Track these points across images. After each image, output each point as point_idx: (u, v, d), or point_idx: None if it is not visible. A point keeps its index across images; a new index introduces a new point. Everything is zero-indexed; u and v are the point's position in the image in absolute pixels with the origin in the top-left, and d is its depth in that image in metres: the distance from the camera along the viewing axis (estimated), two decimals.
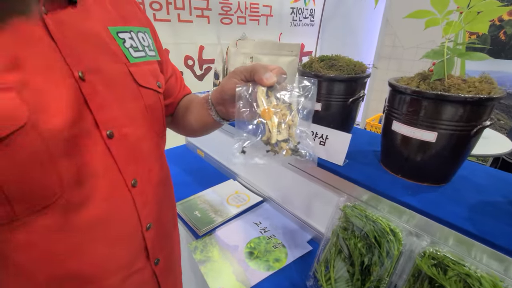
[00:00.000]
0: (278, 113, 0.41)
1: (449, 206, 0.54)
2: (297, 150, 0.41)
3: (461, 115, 0.51)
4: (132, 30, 0.44)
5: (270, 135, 0.39)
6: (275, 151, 0.40)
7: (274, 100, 0.42)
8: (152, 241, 0.48)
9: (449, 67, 0.54)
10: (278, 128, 0.40)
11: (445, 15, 0.54)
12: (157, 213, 0.49)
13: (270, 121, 0.40)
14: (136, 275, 0.47)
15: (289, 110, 0.42)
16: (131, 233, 0.44)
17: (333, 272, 0.62)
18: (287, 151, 0.40)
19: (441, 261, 0.48)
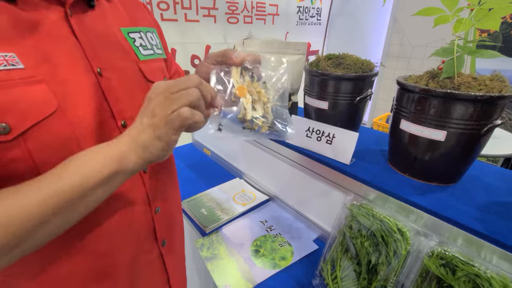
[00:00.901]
0: (253, 91, 0.42)
1: (458, 205, 0.54)
2: (273, 125, 0.43)
3: (471, 114, 0.51)
4: (141, 30, 0.49)
5: (245, 112, 0.41)
6: (252, 127, 0.41)
7: (248, 79, 0.43)
8: (159, 224, 0.51)
9: (459, 65, 0.53)
10: (254, 105, 0.41)
11: (455, 12, 0.53)
12: (164, 198, 0.53)
13: (244, 98, 0.41)
14: (144, 255, 0.50)
15: (264, 88, 0.44)
16: (142, 215, 0.48)
17: (340, 271, 0.61)
18: (263, 126, 0.42)
19: (449, 261, 0.47)
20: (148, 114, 0.34)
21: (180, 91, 0.34)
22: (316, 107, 0.79)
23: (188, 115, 0.33)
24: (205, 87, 0.36)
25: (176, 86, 0.34)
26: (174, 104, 0.33)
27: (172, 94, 0.34)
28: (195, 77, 0.35)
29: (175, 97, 0.34)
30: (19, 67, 0.32)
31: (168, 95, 0.34)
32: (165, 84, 0.34)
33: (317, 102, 0.78)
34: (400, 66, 2.49)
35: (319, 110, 0.79)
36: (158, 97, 0.34)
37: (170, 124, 0.33)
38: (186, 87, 0.34)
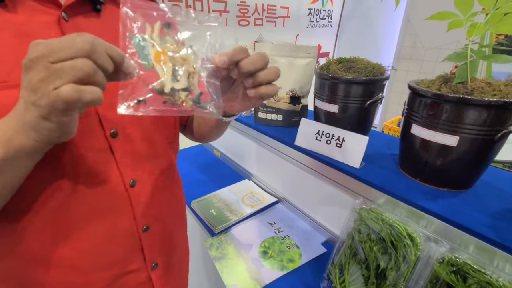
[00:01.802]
0: (176, 58, 0.34)
1: (470, 212, 0.53)
2: (199, 101, 0.35)
3: (485, 120, 0.50)
4: None
5: (163, 82, 0.33)
6: (174, 101, 0.34)
7: (171, 40, 0.35)
8: (149, 243, 0.47)
9: (472, 69, 0.53)
10: (175, 75, 0.34)
11: (469, 17, 0.52)
12: (156, 215, 0.49)
13: (163, 66, 0.34)
14: (130, 276, 0.47)
15: (192, 55, 0.36)
16: (126, 232, 0.44)
17: (348, 274, 0.61)
18: (186, 101, 0.35)
19: (460, 268, 0.47)
20: (27, 87, 0.26)
21: (62, 61, 0.25)
22: (326, 110, 0.79)
23: (70, 97, 0.24)
24: (101, 54, 0.26)
25: (57, 52, 0.25)
26: (55, 79, 0.25)
27: (52, 64, 0.25)
28: (86, 37, 0.25)
29: (55, 68, 0.24)
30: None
31: (46, 64, 0.25)
32: (44, 46, 0.25)
33: (327, 105, 0.78)
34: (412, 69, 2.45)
35: (329, 113, 0.79)
36: (35, 65, 0.25)
37: (53, 105, 0.25)
38: (72, 56, 0.25)
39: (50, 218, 0.38)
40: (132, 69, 0.30)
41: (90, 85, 0.26)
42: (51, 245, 0.39)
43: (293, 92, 0.90)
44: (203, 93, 0.36)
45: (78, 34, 0.25)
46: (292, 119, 0.94)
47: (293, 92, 0.90)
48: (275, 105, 0.92)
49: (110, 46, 0.27)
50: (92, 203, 0.40)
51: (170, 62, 0.34)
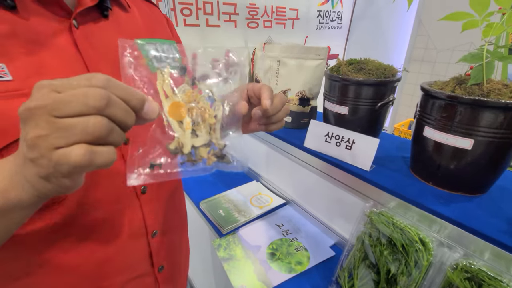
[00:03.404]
0: (194, 109, 0.29)
1: (485, 217, 0.51)
2: (223, 156, 0.30)
3: (501, 122, 0.49)
4: (157, 42, 0.46)
5: (181, 142, 0.28)
6: (193, 161, 0.28)
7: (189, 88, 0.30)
8: (157, 248, 0.48)
9: (488, 71, 0.51)
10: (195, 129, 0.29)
11: (485, 17, 0.51)
12: (164, 221, 0.49)
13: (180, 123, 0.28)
14: (138, 280, 0.47)
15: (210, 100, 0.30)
16: (137, 238, 0.45)
17: (357, 279, 0.60)
18: (209, 158, 0.29)
19: (475, 275, 0.45)
20: (24, 139, 0.22)
21: (71, 116, 0.21)
22: (336, 112, 0.78)
23: (81, 160, 0.21)
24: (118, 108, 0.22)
25: (64, 105, 0.20)
26: (60, 138, 0.21)
27: (57, 120, 0.21)
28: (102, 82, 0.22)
29: (61, 125, 0.21)
30: (7, 79, 0.30)
31: (49, 118, 0.20)
32: (49, 95, 0.21)
33: (337, 107, 0.77)
34: (424, 71, 2.40)
35: (339, 115, 0.78)
36: (35, 116, 0.21)
37: (55, 167, 0.21)
38: (81, 112, 0.21)
39: (61, 226, 0.37)
40: (153, 114, 0.25)
41: (104, 146, 0.22)
42: (62, 253, 0.38)
43: (303, 93, 0.90)
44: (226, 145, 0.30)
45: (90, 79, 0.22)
46: (301, 120, 0.93)
47: (303, 93, 0.90)
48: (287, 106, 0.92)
49: (127, 90, 0.23)
50: (106, 210, 0.40)
51: (188, 115, 0.28)
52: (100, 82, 0.22)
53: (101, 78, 0.22)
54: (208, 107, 0.30)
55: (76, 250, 0.39)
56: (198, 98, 0.30)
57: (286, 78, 0.89)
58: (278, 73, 0.90)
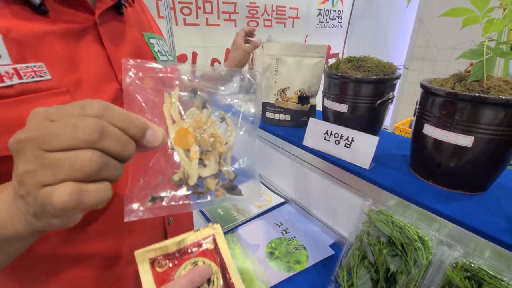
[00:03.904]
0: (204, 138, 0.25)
1: (486, 215, 0.51)
2: (233, 187, 0.27)
3: (502, 119, 0.48)
4: (156, 37, 0.50)
5: (187, 172, 0.25)
6: (199, 193, 0.26)
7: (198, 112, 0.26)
8: (172, 234, 0.51)
9: (489, 67, 0.51)
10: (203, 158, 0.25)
11: (486, 12, 0.50)
12: None
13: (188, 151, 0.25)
14: None
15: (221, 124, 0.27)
16: (155, 224, 0.48)
17: (356, 278, 0.60)
18: (218, 190, 0.26)
19: (475, 273, 0.45)
20: (15, 175, 0.20)
21: (61, 150, 0.19)
22: (335, 110, 0.78)
23: (66, 202, 0.19)
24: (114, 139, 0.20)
25: (52, 137, 0.19)
26: (47, 174, 0.19)
27: (46, 154, 0.19)
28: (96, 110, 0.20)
29: (49, 160, 0.19)
30: (46, 78, 0.32)
31: (37, 151, 0.19)
32: (41, 126, 0.19)
33: (336, 105, 0.77)
34: (425, 70, 2.39)
35: (338, 113, 0.78)
36: (23, 149, 0.19)
37: (42, 206, 0.20)
38: (70, 146, 0.19)
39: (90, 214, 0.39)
40: (156, 143, 0.22)
41: (96, 183, 0.20)
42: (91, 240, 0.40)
43: (302, 92, 0.89)
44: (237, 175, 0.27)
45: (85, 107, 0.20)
46: (301, 119, 0.93)
47: (302, 92, 0.89)
48: (283, 105, 0.92)
49: (127, 118, 0.21)
50: None
51: (196, 143, 0.25)
52: (94, 111, 0.20)
53: (96, 105, 0.20)
54: (219, 134, 0.27)
55: (103, 237, 0.41)
56: (208, 124, 0.26)
57: (285, 76, 0.89)
58: (277, 71, 0.89)
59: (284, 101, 0.91)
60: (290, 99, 0.91)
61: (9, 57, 0.29)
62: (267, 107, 0.95)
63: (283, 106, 0.92)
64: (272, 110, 0.94)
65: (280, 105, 0.92)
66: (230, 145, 0.27)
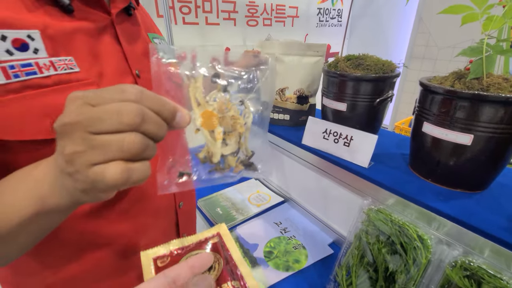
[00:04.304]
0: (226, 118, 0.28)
1: (486, 214, 0.50)
2: (251, 164, 0.30)
3: (502, 117, 0.48)
4: (158, 37, 0.53)
5: (212, 150, 0.28)
6: (221, 169, 0.29)
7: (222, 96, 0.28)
8: (182, 218, 0.55)
9: (489, 65, 0.50)
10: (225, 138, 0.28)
11: (485, 9, 0.50)
12: (186, 193, 0.57)
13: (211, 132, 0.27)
14: None
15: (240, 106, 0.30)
16: (168, 208, 0.51)
17: (355, 277, 0.60)
18: (237, 166, 0.29)
19: (475, 272, 0.44)
20: (61, 153, 0.22)
21: (107, 133, 0.21)
22: (334, 108, 0.77)
23: (117, 179, 0.21)
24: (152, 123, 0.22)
25: (99, 122, 0.21)
26: (96, 155, 0.21)
27: (93, 137, 0.21)
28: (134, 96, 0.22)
29: (97, 142, 0.21)
30: (76, 70, 0.35)
31: (84, 134, 0.21)
32: (83, 110, 0.21)
33: (335, 103, 0.76)
34: (424, 68, 2.38)
35: (337, 111, 0.77)
36: (70, 132, 0.21)
37: (92, 183, 0.22)
38: (117, 129, 0.21)
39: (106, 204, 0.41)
40: (184, 124, 0.25)
41: (139, 162, 0.22)
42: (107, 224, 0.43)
43: (300, 92, 0.89)
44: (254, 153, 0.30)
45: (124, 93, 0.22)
46: (300, 118, 0.92)
47: (300, 92, 0.89)
48: (282, 105, 0.91)
49: (159, 101, 0.23)
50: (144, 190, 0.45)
51: (220, 124, 0.27)
52: (133, 96, 0.22)
53: (133, 91, 0.22)
54: (239, 116, 0.29)
55: (121, 219, 0.44)
56: (229, 106, 0.29)
57: (283, 75, 0.88)
58: (276, 71, 0.89)
59: (283, 101, 0.91)
60: (289, 99, 0.90)
61: (45, 51, 0.33)
62: None
63: (282, 106, 0.91)
64: (272, 110, 0.94)
65: (279, 105, 0.92)
66: (248, 126, 0.30)
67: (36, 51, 0.33)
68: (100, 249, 0.43)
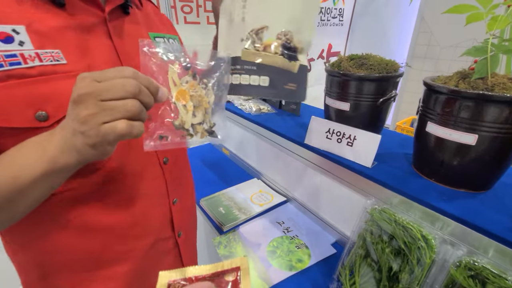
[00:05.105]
0: (194, 96, 0.37)
1: (490, 214, 0.50)
2: (212, 132, 0.40)
3: (506, 117, 0.48)
4: (165, 36, 0.54)
5: (184, 120, 0.37)
6: (191, 134, 0.38)
7: (191, 80, 0.38)
8: (177, 214, 0.55)
9: (493, 65, 0.50)
10: (194, 110, 0.38)
11: (490, 9, 0.50)
12: (181, 190, 0.57)
13: (184, 106, 0.37)
14: (162, 243, 0.54)
15: (205, 89, 0.39)
16: (161, 204, 0.52)
17: (359, 276, 0.60)
18: (202, 133, 0.39)
19: (479, 272, 0.44)
20: (75, 118, 0.29)
21: (114, 99, 0.29)
22: (337, 108, 0.77)
23: (124, 131, 0.29)
24: (145, 94, 0.30)
25: (107, 91, 0.28)
26: (106, 115, 0.29)
27: (103, 103, 0.28)
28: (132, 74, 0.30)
29: (107, 106, 0.28)
30: (63, 62, 0.36)
31: (96, 101, 0.28)
32: (91, 82, 0.29)
33: (338, 103, 0.76)
34: (426, 68, 2.38)
35: (339, 111, 0.77)
36: (84, 100, 0.28)
37: (103, 137, 0.29)
38: (122, 96, 0.29)
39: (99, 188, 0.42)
40: (164, 97, 0.34)
41: (138, 121, 0.31)
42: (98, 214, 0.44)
43: (288, 37, 0.47)
44: (215, 124, 0.40)
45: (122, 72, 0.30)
46: (285, 85, 0.48)
47: (288, 37, 0.47)
48: (256, 59, 0.47)
49: (148, 80, 0.32)
50: (135, 176, 0.46)
51: (190, 100, 0.37)
52: (131, 74, 0.30)
53: (130, 71, 0.30)
54: (204, 97, 0.39)
55: (113, 213, 0.45)
56: (197, 88, 0.39)
57: (258, 7, 0.48)
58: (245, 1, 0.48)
59: (258, 52, 0.47)
60: (267, 48, 0.47)
61: (31, 43, 0.35)
62: (231, 67, 0.47)
63: (256, 61, 0.46)
64: (238, 70, 0.47)
65: (251, 58, 0.46)
66: (211, 103, 0.40)
67: (22, 44, 0.34)
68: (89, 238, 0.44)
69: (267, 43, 0.48)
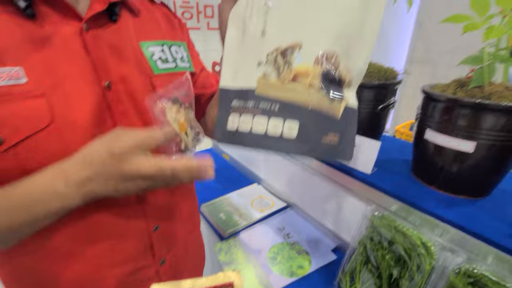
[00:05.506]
0: (186, 119, 0.43)
1: (489, 221, 0.51)
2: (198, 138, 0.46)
3: (503, 125, 0.48)
4: (165, 44, 0.48)
5: (187, 143, 0.43)
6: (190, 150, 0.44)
7: (182, 110, 0.43)
8: (159, 241, 0.50)
9: (489, 74, 0.51)
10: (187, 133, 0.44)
11: (486, 19, 0.51)
12: (167, 216, 0.51)
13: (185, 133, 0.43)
14: (141, 271, 0.49)
15: (185, 109, 0.44)
16: (138, 231, 0.47)
17: (359, 283, 0.60)
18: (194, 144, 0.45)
19: (478, 279, 0.45)
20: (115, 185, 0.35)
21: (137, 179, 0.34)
22: None
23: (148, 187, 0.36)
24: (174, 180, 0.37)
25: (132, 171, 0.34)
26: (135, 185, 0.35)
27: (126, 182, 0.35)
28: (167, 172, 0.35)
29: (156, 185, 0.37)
30: (21, 82, 0.33)
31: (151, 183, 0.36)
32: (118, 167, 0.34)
33: None
34: (424, 73, 2.40)
35: None
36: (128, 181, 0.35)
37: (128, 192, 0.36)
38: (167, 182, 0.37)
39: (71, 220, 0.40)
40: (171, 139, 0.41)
41: None
42: (72, 242, 0.42)
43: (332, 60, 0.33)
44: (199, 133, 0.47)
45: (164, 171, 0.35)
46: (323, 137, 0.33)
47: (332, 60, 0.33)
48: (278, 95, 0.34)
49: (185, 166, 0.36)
50: (108, 205, 0.42)
51: (188, 127, 0.44)
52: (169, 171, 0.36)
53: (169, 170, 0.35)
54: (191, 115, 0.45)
55: (84, 239, 0.42)
56: (184, 112, 0.44)
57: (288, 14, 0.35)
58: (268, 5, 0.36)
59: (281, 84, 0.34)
60: (300, 78, 0.33)
61: None
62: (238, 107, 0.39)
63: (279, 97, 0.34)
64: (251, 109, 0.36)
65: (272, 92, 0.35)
66: (192, 119, 0.45)
67: None
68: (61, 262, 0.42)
69: (300, 71, 0.33)
